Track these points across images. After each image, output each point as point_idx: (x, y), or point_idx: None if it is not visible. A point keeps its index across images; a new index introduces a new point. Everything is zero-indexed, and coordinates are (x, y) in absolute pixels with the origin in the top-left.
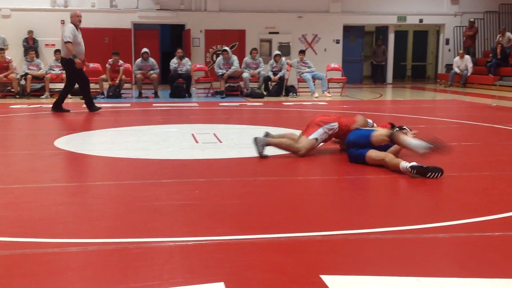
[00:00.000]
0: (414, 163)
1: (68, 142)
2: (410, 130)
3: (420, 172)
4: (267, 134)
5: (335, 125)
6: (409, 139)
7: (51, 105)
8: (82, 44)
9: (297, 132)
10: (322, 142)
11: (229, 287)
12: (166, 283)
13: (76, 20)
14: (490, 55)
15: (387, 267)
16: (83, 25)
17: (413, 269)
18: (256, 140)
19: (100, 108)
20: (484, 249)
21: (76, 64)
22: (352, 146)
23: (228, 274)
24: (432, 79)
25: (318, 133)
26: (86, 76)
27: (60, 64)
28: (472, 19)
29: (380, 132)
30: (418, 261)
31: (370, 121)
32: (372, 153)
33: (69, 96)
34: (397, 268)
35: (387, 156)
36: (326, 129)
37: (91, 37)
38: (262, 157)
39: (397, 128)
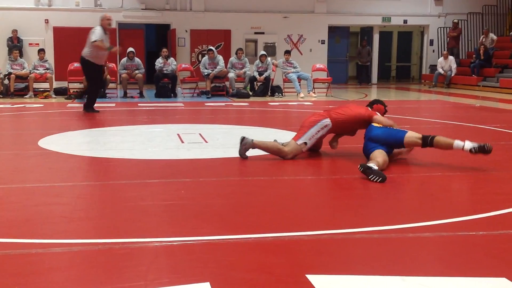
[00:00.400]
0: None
1: (52, 142)
2: None
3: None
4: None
5: (327, 121)
6: (448, 139)
7: (34, 105)
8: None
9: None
10: (320, 138)
11: (215, 287)
12: (151, 283)
13: (105, 23)
14: (474, 56)
15: (373, 266)
16: (67, 24)
17: (398, 268)
18: (242, 140)
19: (97, 111)
20: (468, 248)
21: (113, 50)
22: (377, 141)
23: (214, 274)
24: (417, 80)
25: (307, 136)
26: (101, 79)
27: (44, 64)
28: (456, 20)
29: (413, 135)
30: (403, 260)
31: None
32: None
33: (53, 96)
34: (382, 267)
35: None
36: (318, 128)
37: (75, 36)
38: (242, 157)
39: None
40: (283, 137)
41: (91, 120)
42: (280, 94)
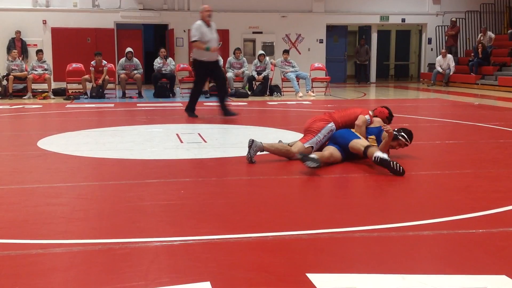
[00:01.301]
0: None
1: (51, 143)
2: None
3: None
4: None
5: (332, 125)
6: (378, 154)
7: (33, 106)
8: (213, 39)
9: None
10: (325, 142)
11: (215, 286)
12: (152, 283)
13: (205, 15)
14: (472, 54)
15: (373, 265)
16: (65, 24)
17: (398, 266)
18: (251, 144)
19: (196, 116)
20: (468, 246)
21: (211, 49)
22: (333, 139)
23: (214, 273)
24: (415, 78)
25: (314, 140)
26: (219, 76)
27: (42, 65)
28: (454, 19)
29: (359, 143)
30: (403, 258)
31: (367, 117)
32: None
33: (51, 96)
34: (382, 266)
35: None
36: (324, 133)
37: (73, 37)
38: (250, 162)
39: (395, 130)
40: (283, 136)
41: (90, 121)
42: (278, 94)
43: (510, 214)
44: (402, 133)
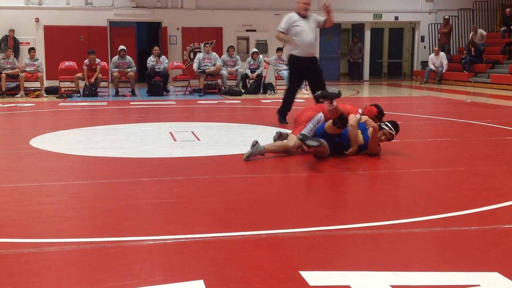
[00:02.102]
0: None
1: (44, 141)
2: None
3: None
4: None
5: (321, 116)
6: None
7: (25, 104)
8: (306, 32)
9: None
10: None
11: (208, 284)
12: (145, 281)
13: (300, 7)
14: (465, 52)
15: (365, 262)
16: (58, 22)
17: (390, 263)
18: (255, 145)
19: (286, 123)
20: (460, 243)
21: (291, 41)
22: (320, 133)
23: (207, 271)
24: (408, 76)
25: (306, 130)
26: (298, 82)
27: (34, 63)
28: (447, 17)
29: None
30: (396, 255)
31: (358, 116)
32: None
33: (44, 95)
34: (375, 263)
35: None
36: (314, 123)
37: (66, 35)
38: (245, 160)
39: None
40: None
41: (83, 119)
42: (272, 92)
43: (503, 211)
44: (386, 122)
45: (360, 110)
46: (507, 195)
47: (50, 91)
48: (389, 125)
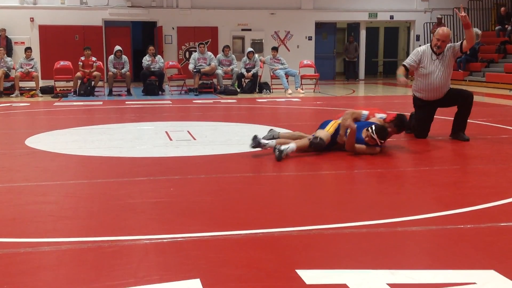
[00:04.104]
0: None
1: (39, 141)
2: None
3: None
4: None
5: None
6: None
7: (21, 104)
8: (435, 74)
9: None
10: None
11: (205, 283)
12: (141, 280)
13: (433, 43)
14: None
15: (362, 260)
16: (53, 22)
17: (387, 262)
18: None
19: (467, 139)
20: (456, 242)
21: (400, 81)
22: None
23: (204, 270)
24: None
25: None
26: (420, 122)
27: (30, 63)
28: (439, 16)
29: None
30: (392, 254)
31: (365, 112)
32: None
33: (39, 94)
34: (371, 261)
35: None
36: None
37: (61, 34)
38: (254, 146)
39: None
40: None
41: (79, 119)
42: (268, 91)
43: (498, 209)
44: (372, 126)
45: (380, 115)
46: (502, 193)
47: (45, 90)
48: (372, 129)
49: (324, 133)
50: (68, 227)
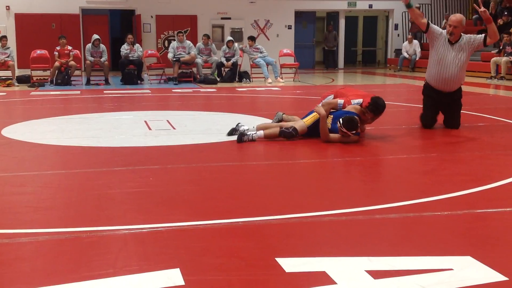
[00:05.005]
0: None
1: (16, 131)
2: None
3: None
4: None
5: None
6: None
7: None
8: (448, 61)
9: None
10: None
11: (185, 272)
12: (120, 271)
13: (447, 30)
14: None
15: (340, 248)
16: (29, 10)
17: (365, 249)
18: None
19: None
20: (433, 228)
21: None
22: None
23: (184, 260)
24: (382, 64)
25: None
26: (427, 112)
27: (5, 51)
28: (418, 5)
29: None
30: (370, 241)
31: (340, 101)
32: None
33: (15, 84)
34: (350, 249)
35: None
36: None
37: (37, 23)
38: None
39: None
40: (253, 122)
41: (56, 109)
42: (247, 80)
43: (474, 196)
44: (341, 119)
45: (356, 101)
46: (478, 180)
47: (22, 80)
48: (340, 122)
49: (300, 124)
50: (45, 217)
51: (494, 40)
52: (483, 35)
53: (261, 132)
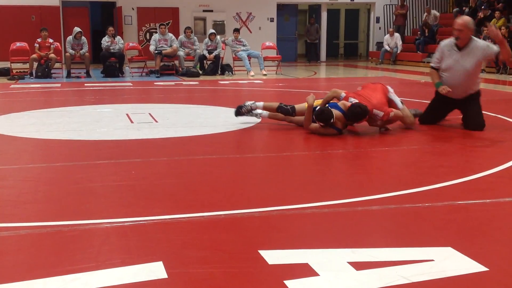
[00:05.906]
0: None
1: None
2: None
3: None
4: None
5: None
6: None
7: None
8: (456, 69)
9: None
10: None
11: (167, 265)
12: (103, 264)
13: (453, 34)
14: (418, 32)
15: (323, 240)
16: (8, 2)
17: (348, 241)
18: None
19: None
20: (414, 220)
21: (440, 89)
22: None
23: (166, 253)
24: (364, 57)
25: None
26: (431, 111)
27: None
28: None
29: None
30: (353, 233)
31: (343, 94)
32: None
33: None
34: (332, 241)
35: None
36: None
37: (16, 15)
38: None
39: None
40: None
41: (36, 101)
42: (230, 73)
43: (455, 188)
44: (317, 109)
45: (352, 100)
46: (459, 172)
47: (1, 72)
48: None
49: (301, 106)
50: (27, 211)
51: (505, 59)
52: (498, 49)
53: (260, 104)
